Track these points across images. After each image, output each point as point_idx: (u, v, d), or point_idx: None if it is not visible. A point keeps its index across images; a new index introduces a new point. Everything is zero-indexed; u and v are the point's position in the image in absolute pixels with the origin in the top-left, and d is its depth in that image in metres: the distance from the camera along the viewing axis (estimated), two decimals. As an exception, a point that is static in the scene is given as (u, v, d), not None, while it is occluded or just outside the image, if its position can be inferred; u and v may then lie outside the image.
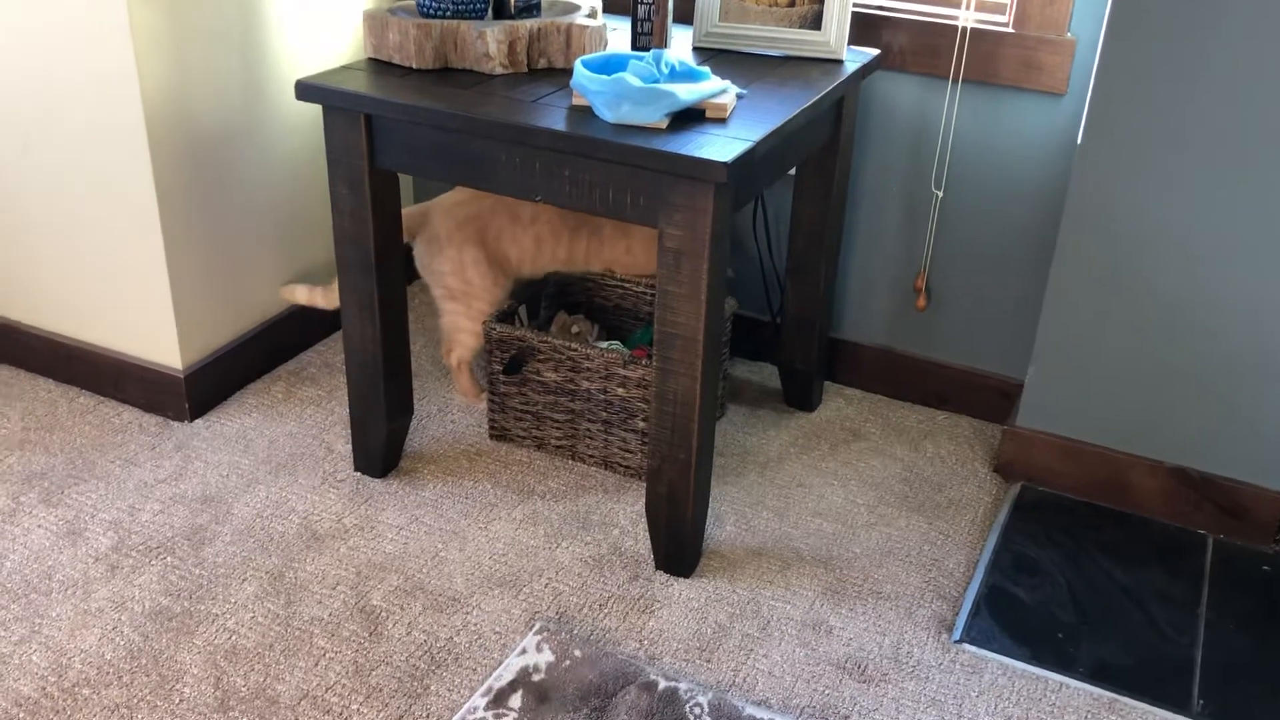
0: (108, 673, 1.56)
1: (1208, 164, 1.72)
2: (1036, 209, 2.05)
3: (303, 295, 2.23)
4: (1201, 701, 1.59)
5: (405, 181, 2.62)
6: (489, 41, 1.72)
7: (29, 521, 1.84)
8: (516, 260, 2.11)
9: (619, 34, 1.96)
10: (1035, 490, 2.02)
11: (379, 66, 1.76)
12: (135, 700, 1.52)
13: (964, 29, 1.96)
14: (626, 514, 1.92)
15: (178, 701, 1.52)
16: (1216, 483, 1.89)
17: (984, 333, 2.19)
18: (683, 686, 1.55)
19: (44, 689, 1.53)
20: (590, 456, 2.04)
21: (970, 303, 2.17)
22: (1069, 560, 1.85)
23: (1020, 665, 1.64)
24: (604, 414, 1.99)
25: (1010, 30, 1.94)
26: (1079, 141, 1.81)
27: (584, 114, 1.60)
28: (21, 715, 1.49)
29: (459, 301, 2.10)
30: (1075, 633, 1.70)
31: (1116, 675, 1.62)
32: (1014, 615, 1.73)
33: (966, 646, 1.67)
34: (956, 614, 1.73)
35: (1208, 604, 1.77)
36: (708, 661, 1.63)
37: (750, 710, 1.52)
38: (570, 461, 2.05)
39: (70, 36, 1.87)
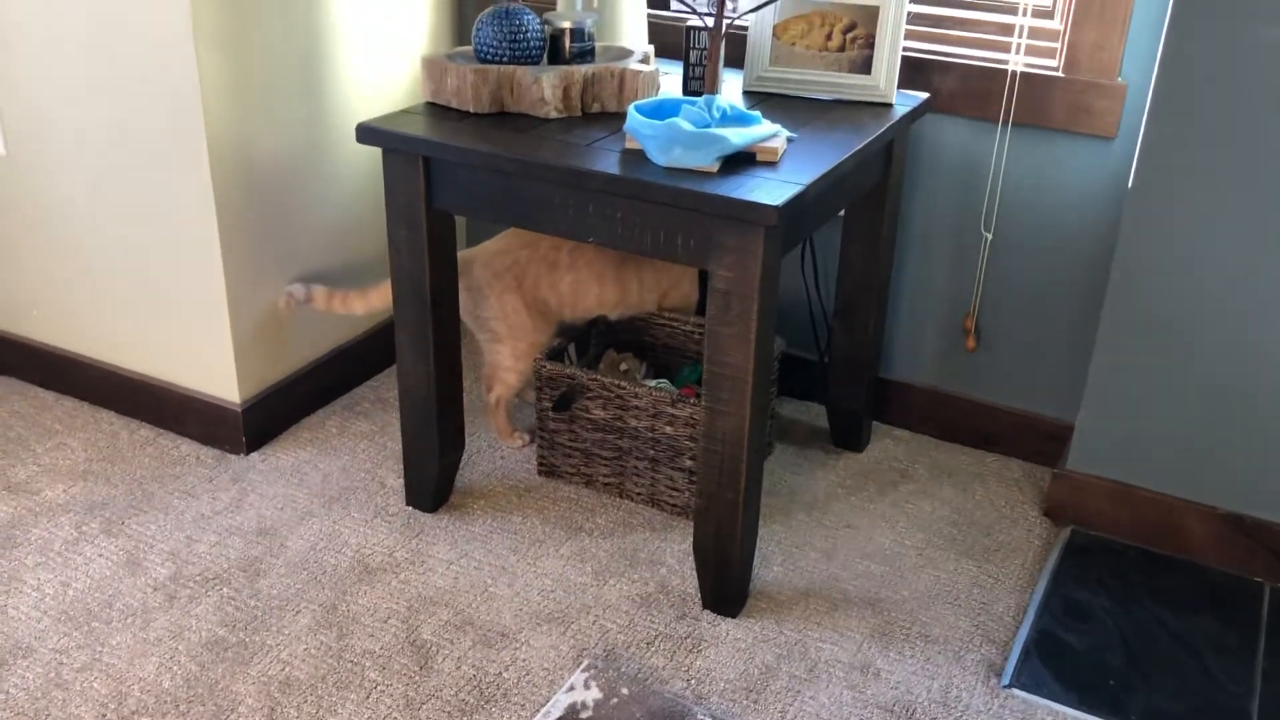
0: (165, 701, 1.59)
1: (1260, 208, 1.72)
2: (1087, 251, 2.05)
3: (300, 293, 2.15)
4: (1257, 753, 1.56)
5: (459, 223, 2.66)
6: (544, 86, 1.75)
7: (91, 550, 1.89)
8: (556, 306, 2.14)
9: (671, 79, 2.00)
10: (1085, 534, 2.00)
11: (437, 110, 1.80)
12: (191, 729, 1.55)
13: (1014, 73, 1.97)
14: (673, 552, 1.93)
15: (232, 731, 1.55)
16: (1272, 529, 1.87)
17: (1034, 374, 2.18)
18: (730, 726, 1.56)
19: (104, 715, 1.56)
20: (637, 494, 2.05)
21: (1020, 344, 2.17)
22: (1120, 606, 1.83)
23: (1071, 711, 1.63)
24: (651, 452, 2.00)
25: (1060, 75, 1.95)
26: (1130, 185, 1.81)
27: (637, 157, 1.63)
28: (82, 742, 1.52)
29: (503, 343, 2.14)
30: (1127, 679, 1.68)
31: (1170, 724, 1.61)
32: (1064, 661, 1.71)
33: (1016, 691, 1.66)
34: (1006, 658, 1.72)
35: (1265, 653, 1.74)
36: (755, 702, 1.63)
37: (797, 752, 1.52)
38: (618, 499, 2.07)
39: (139, 78, 1.94)
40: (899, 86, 2.00)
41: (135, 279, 2.14)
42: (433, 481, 1.99)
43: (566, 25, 1.81)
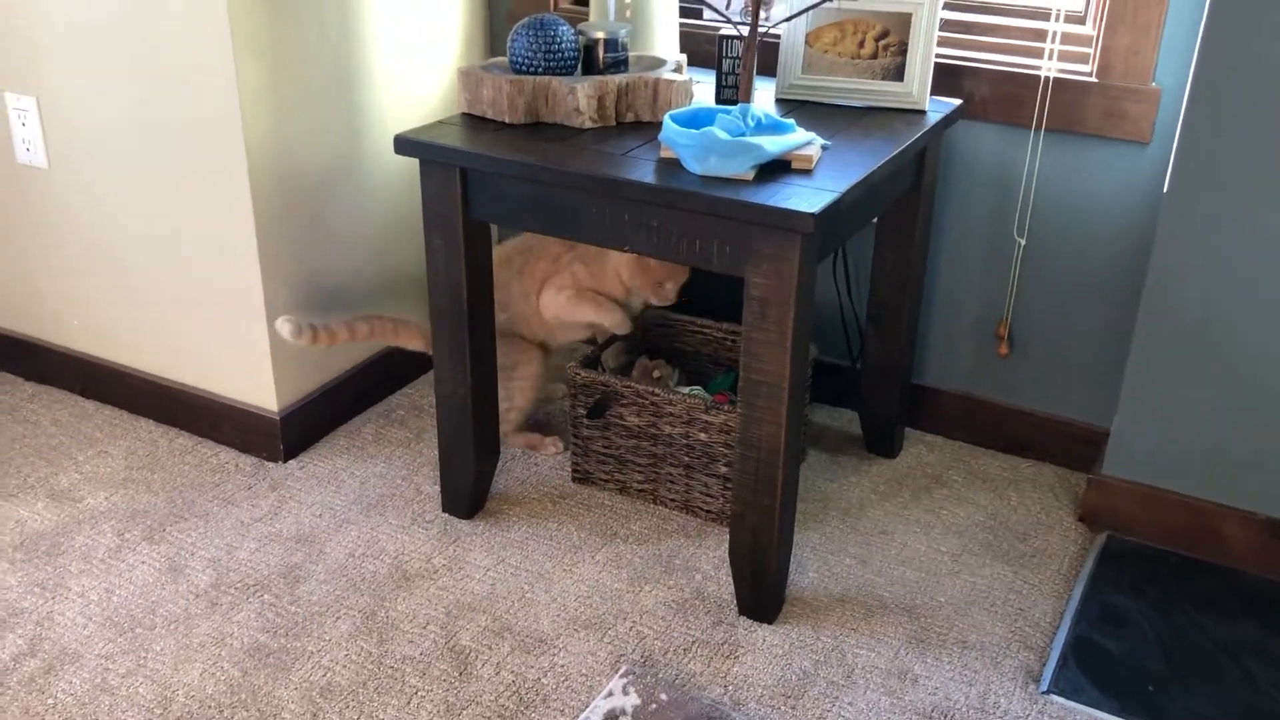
0: (209, 706, 1.61)
1: (1299, 213, 1.71)
2: (1121, 256, 2.05)
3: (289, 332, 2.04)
4: (1300, 760, 1.55)
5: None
6: (579, 97, 1.77)
7: (133, 558, 1.91)
8: (529, 333, 2.19)
9: (703, 88, 2.01)
10: (1122, 540, 2.00)
11: (473, 121, 1.82)
12: (235, 734, 1.57)
13: (1047, 78, 1.97)
14: (709, 558, 1.94)
15: (275, 736, 1.57)
16: (1311, 535, 1.86)
17: (1068, 380, 2.18)
18: (768, 732, 1.56)
19: (149, 721, 1.59)
20: (672, 500, 2.06)
21: (1054, 349, 2.17)
22: (1158, 612, 1.82)
23: (1110, 717, 1.62)
24: (685, 458, 2.01)
25: (1094, 80, 1.95)
26: (1165, 190, 1.81)
27: (672, 166, 1.64)
28: (128, 746, 1.54)
29: (502, 372, 2.11)
30: (1166, 686, 1.68)
31: (1210, 730, 1.60)
32: (1102, 667, 1.71)
33: (1054, 698, 1.66)
34: (1043, 664, 1.72)
35: (1304, 659, 1.73)
36: (793, 708, 1.63)
37: (836, 758, 1.53)
38: (652, 505, 2.08)
39: (178, 87, 1.97)
40: (931, 93, 2.00)
41: (174, 289, 2.17)
42: (469, 488, 2.00)
43: (600, 35, 1.83)
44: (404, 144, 1.75)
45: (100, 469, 2.15)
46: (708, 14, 2.29)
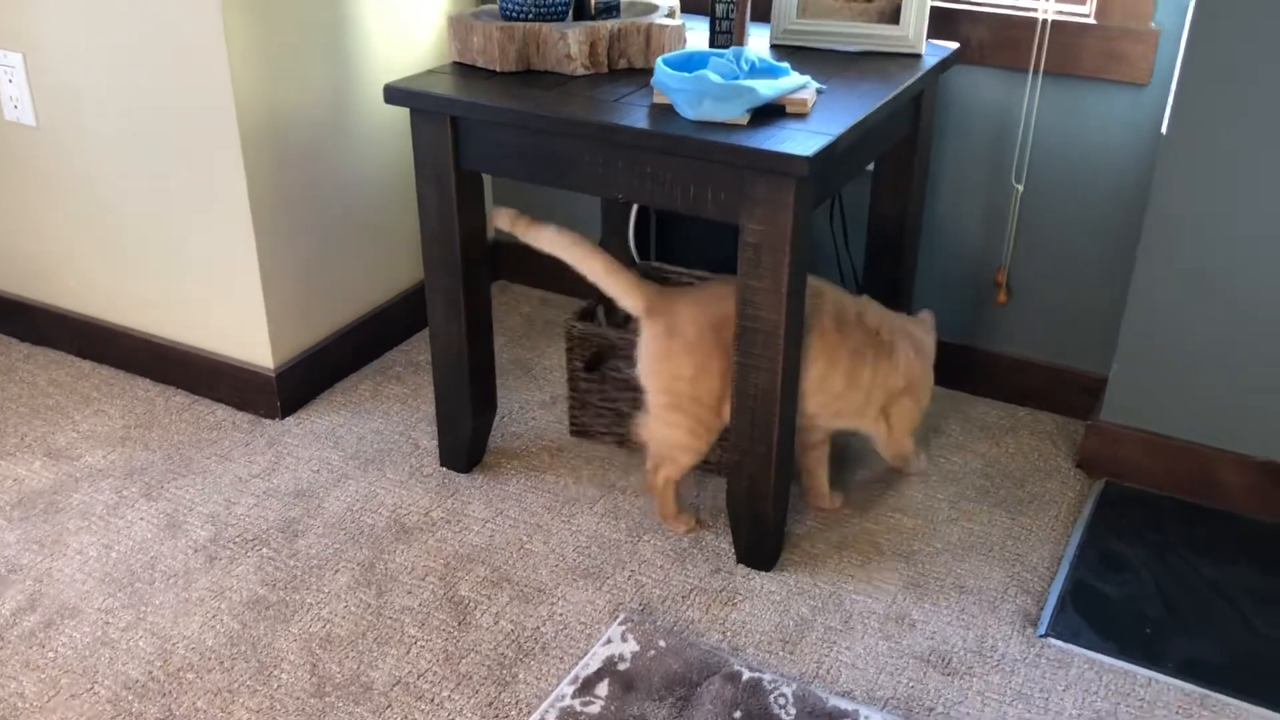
0: (209, 658, 1.62)
1: (1298, 152, 1.69)
2: (1120, 201, 2.03)
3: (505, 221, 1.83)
4: (1296, 698, 1.56)
5: (485, 182, 2.66)
6: (571, 42, 1.75)
7: (132, 514, 1.91)
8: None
9: (697, 33, 1.99)
10: (1120, 486, 1.99)
11: (463, 70, 1.80)
12: (236, 685, 1.57)
13: (1044, 21, 1.95)
14: (707, 508, 1.94)
15: (276, 687, 1.57)
16: (1309, 477, 1.86)
17: (1066, 327, 2.17)
18: (767, 677, 1.56)
19: (150, 673, 1.59)
20: (670, 452, 2.06)
21: (1052, 297, 2.16)
22: (1156, 556, 1.82)
23: (1107, 660, 1.63)
24: (684, 410, 2.00)
25: (1092, 21, 1.93)
26: (1163, 132, 1.79)
27: (665, 112, 1.62)
28: (130, 697, 1.55)
29: (684, 414, 1.77)
30: (1164, 628, 1.68)
31: (1208, 672, 1.60)
32: (1100, 610, 1.71)
33: (1052, 641, 1.66)
34: (1041, 608, 1.73)
35: (1302, 600, 1.73)
36: (791, 653, 1.64)
37: (835, 701, 1.53)
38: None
39: (165, 43, 1.95)
40: (928, 37, 1.97)
41: (168, 246, 2.15)
42: (466, 442, 2.00)
43: (592, -19, 1.80)
44: (394, 93, 1.73)
45: (98, 427, 2.15)
46: (701, -39, 2.25)
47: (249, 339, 2.15)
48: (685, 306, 1.76)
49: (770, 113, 1.61)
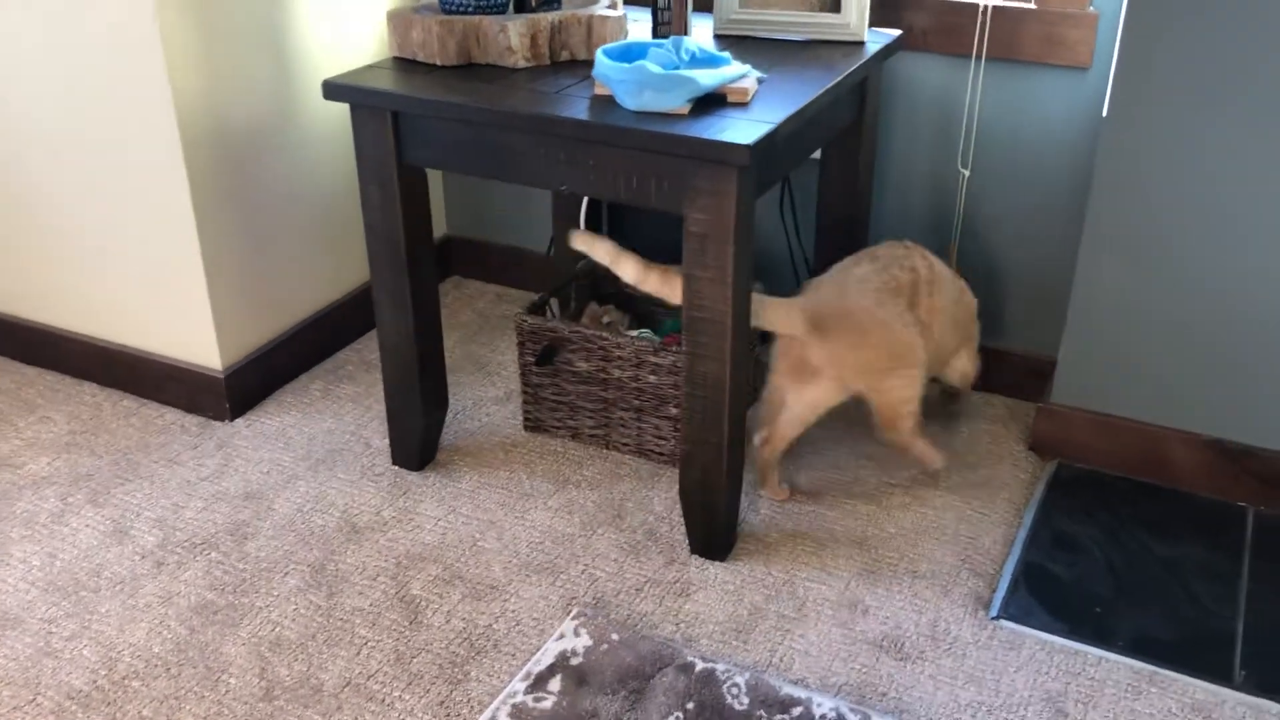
0: (156, 665, 1.60)
1: (1233, 132, 1.71)
2: (1064, 184, 2.04)
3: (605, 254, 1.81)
4: (1244, 673, 1.57)
5: (434, 177, 2.64)
6: (511, 35, 1.74)
7: (77, 521, 1.89)
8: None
9: (639, 25, 1.98)
10: (1071, 467, 2.01)
11: (404, 64, 1.78)
12: (183, 691, 1.55)
13: (986, 7, 1.95)
14: (661, 500, 1.93)
15: (224, 692, 1.55)
16: (1255, 454, 1.88)
17: (1015, 310, 2.18)
18: (720, 667, 1.56)
19: (95, 682, 1.57)
20: (624, 444, 2.05)
21: (1000, 280, 2.17)
22: (1107, 535, 1.84)
23: (1059, 640, 1.64)
24: (636, 402, 2.00)
25: (1032, 6, 1.93)
26: (1104, 114, 1.80)
27: (607, 103, 1.61)
28: (74, 707, 1.52)
29: (907, 368, 1.86)
30: (1114, 607, 1.69)
31: (1156, 648, 1.62)
32: (1052, 591, 1.72)
33: (1004, 623, 1.67)
34: (994, 591, 1.73)
35: (1249, 576, 1.75)
36: (744, 643, 1.64)
37: (788, 689, 1.53)
38: (604, 450, 2.07)
39: (101, 43, 1.91)
40: (871, 24, 1.98)
41: (110, 249, 2.12)
42: (418, 440, 1.98)
43: (531, -28, 1.79)
44: (333, 89, 1.71)
45: (42, 434, 2.12)
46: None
47: (196, 341, 2.12)
48: (867, 299, 1.83)
49: (711, 102, 1.61)
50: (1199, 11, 1.66)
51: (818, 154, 2.09)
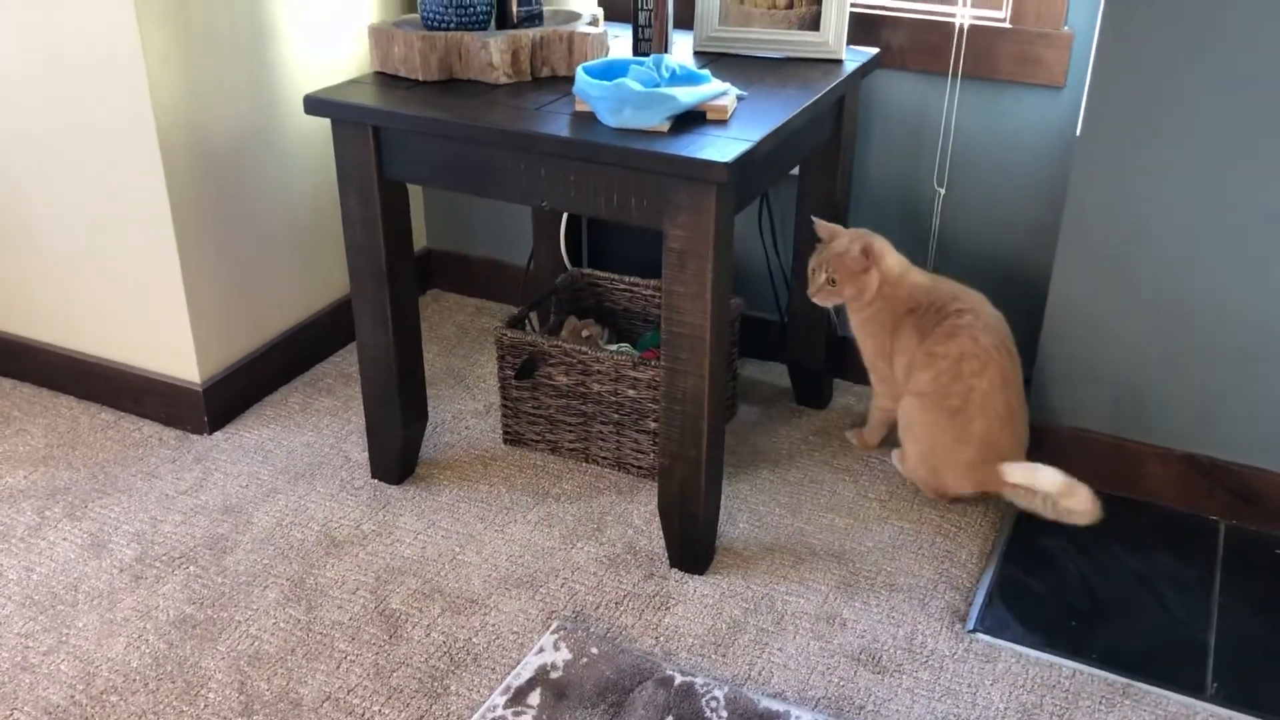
0: (134, 680, 1.59)
1: (1206, 151, 1.74)
2: (1038, 202, 2.07)
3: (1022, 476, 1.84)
4: (1215, 685, 1.59)
5: (415, 193, 2.65)
6: (493, 51, 1.75)
7: (54, 535, 1.88)
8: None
9: (620, 41, 1.99)
10: (1046, 481, 2.03)
11: (385, 79, 1.79)
12: (161, 706, 1.55)
13: (961, 26, 1.98)
14: (640, 514, 1.94)
15: (203, 706, 1.55)
16: (1228, 469, 1.90)
17: (991, 326, 2.20)
18: (699, 681, 1.57)
19: (72, 697, 1.56)
20: (603, 458, 2.06)
21: (977, 297, 2.19)
22: (1081, 550, 1.86)
23: (1034, 653, 1.65)
24: (615, 416, 2.01)
25: (1007, 25, 1.96)
26: (1078, 133, 1.83)
27: (587, 120, 1.62)
28: (51, 723, 1.52)
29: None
30: (1088, 620, 1.71)
31: (1130, 661, 1.63)
32: (1027, 604, 1.74)
33: (980, 636, 1.69)
34: (970, 604, 1.75)
35: (1221, 589, 1.77)
36: (723, 656, 1.65)
37: (766, 703, 1.54)
38: (584, 464, 2.08)
39: (82, 57, 1.91)
40: (849, 43, 2.00)
41: (89, 262, 2.12)
42: (397, 453, 1.99)
43: (513, -11, 1.80)
44: (314, 104, 1.72)
45: (18, 447, 2.11)
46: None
47: (174, 353, 2.12)
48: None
49: (691, 120, 1.63)
50: (1172, 32, 1.69)
51: (796, 170, 2.11)
